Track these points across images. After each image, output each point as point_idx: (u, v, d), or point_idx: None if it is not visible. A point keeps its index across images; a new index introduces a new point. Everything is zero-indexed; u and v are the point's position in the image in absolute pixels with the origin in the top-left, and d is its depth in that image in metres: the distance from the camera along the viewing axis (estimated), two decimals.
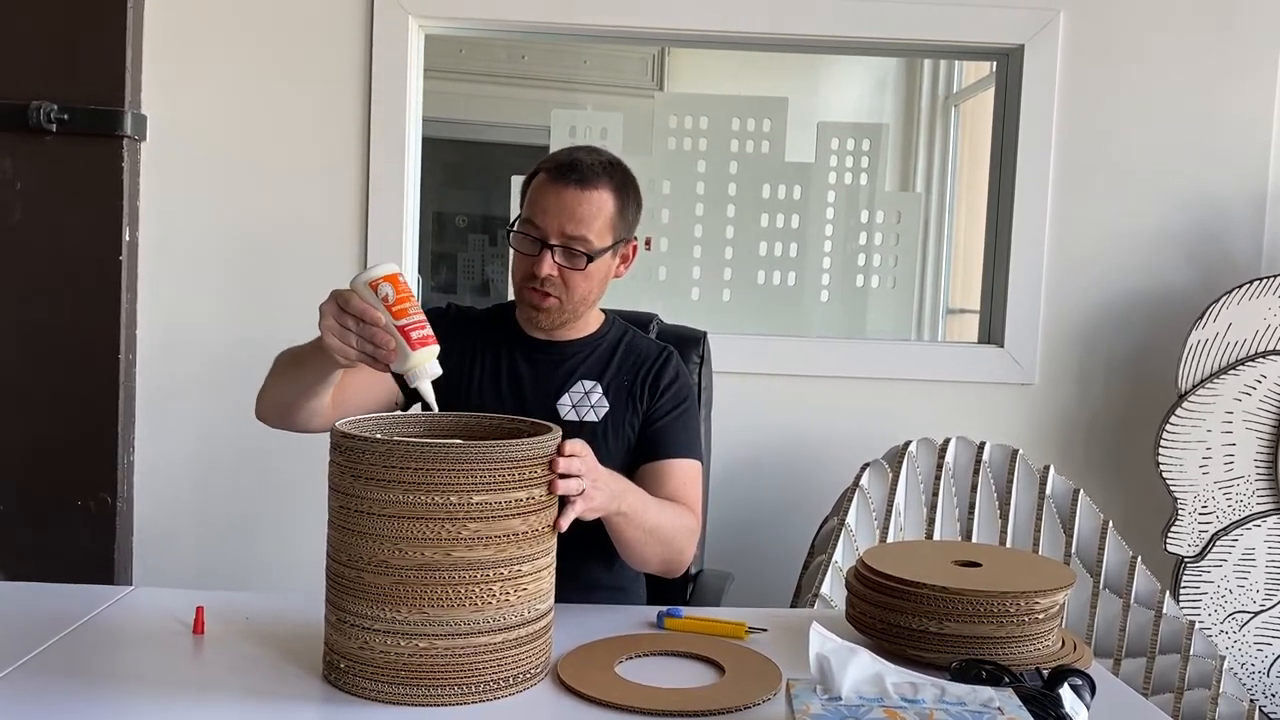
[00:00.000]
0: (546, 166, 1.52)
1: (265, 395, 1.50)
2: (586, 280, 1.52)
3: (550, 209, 1.49)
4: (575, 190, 1.48)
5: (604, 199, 1.50)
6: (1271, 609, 2.28)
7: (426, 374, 1.27)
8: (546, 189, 1.50)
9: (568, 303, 1.53)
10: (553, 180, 1.50)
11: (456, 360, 1.57)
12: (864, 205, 2.67)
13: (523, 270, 1.53)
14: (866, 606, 1.28)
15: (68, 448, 2.31)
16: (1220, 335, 2.27)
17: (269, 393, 1.49)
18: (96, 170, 2.29)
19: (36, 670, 1.14)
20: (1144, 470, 2.37)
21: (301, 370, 1.40)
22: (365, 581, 1.09)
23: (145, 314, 2.40)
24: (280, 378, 1.47)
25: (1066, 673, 1.06)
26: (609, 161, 1.54)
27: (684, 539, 1.48)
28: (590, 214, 1.49)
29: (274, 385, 1.48)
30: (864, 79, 3.51)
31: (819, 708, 0.94)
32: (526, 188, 1.56)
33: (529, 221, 1.51)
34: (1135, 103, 2.46)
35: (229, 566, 2.42)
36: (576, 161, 1.50)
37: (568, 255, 1.49)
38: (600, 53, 3.55)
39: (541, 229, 1.49)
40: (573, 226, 1.48)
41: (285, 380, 1.45)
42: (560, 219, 1.48)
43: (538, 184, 1.52)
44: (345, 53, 2.39)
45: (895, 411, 2.47)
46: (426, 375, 1.27)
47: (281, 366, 1.48)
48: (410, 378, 1.28)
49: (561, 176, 1.49)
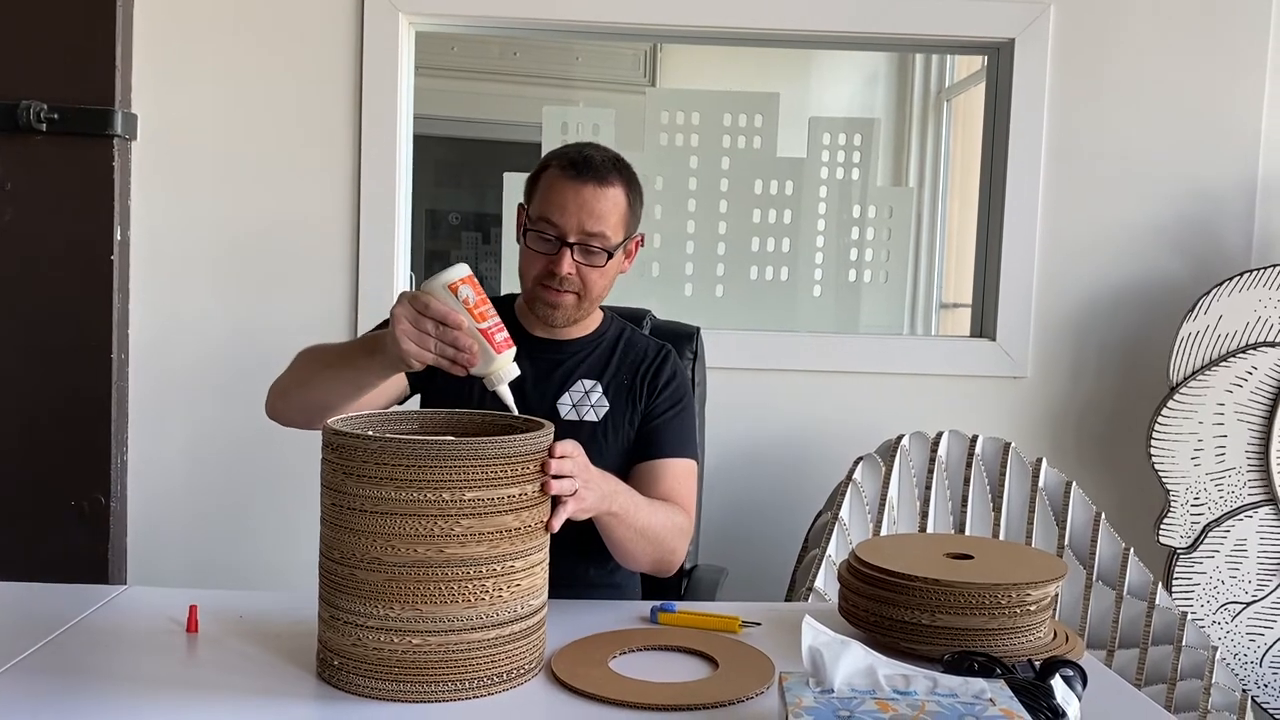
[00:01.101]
0: (558, 163, 1.50)
1: (291, 394, 1.45)
2: (603, 278, 1.51)
3: (569, 206, 1.47)
4: (593, 187, 1.47)
5: (618, 195, 1.50)
6: (1263, 600, 2.29)
7: (508, 376, 1.28)
8: (563, 186, 1.48)
9: (584, 300, 1.52)
10: (569, 178, 1.48)
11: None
12: (856, 200, 2.67)
13: (538, 269, 1.50)
14: (859, 599, 1.28)
15: (61, 448, 2.31)
16: (1211, 327, 2.28)
17: (297, 392, 1.44)
18: (87, 170, 2.28)
19: (30, 670, 1.14)
20: (1136, 462, 2.38)
21: (349, 371, 1.36)
22: (358, 578, 1.09)
23: (137, 314, 2.39)
24: (317, 378, 1.41)
25: (1058, 664, 1.07)
26: (616, 158, 1.53)
27: (675, 539, 1.47)
28: (608, 210, 1.48)
29: (307, 386, 1.43)
30: (856, 74, 3.51)
31: (811, 700, 0.94)
32: (533, 185, 1.53)
33: (545, 220, 1.48)
34: (1125, 96, 2.47)
35: (223, 565, 2.42)
36: (590, 158, 1.49)
37: (586, 253, 1.48)
38: (592, 49, 3.55)
39: (560, 227, 1.47)
40: (592, 223, 1.47)
41: (325, 381, 1.40)
42: (580, 216, 1.47)
43: (551, 181, 1.49)
44: (336, 50, 2.39)
45: (888, 405, 2.47)
46: (507, 378, 1.28)
47: (315, 366, 1.43)
48: (491, 381, 1.28)
49: (579, 174, 1.47)
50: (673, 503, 1.51)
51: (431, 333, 1.22)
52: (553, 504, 1.19)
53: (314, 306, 2.41)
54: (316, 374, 1.42)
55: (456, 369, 1.24)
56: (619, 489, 1.37)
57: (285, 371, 1.48)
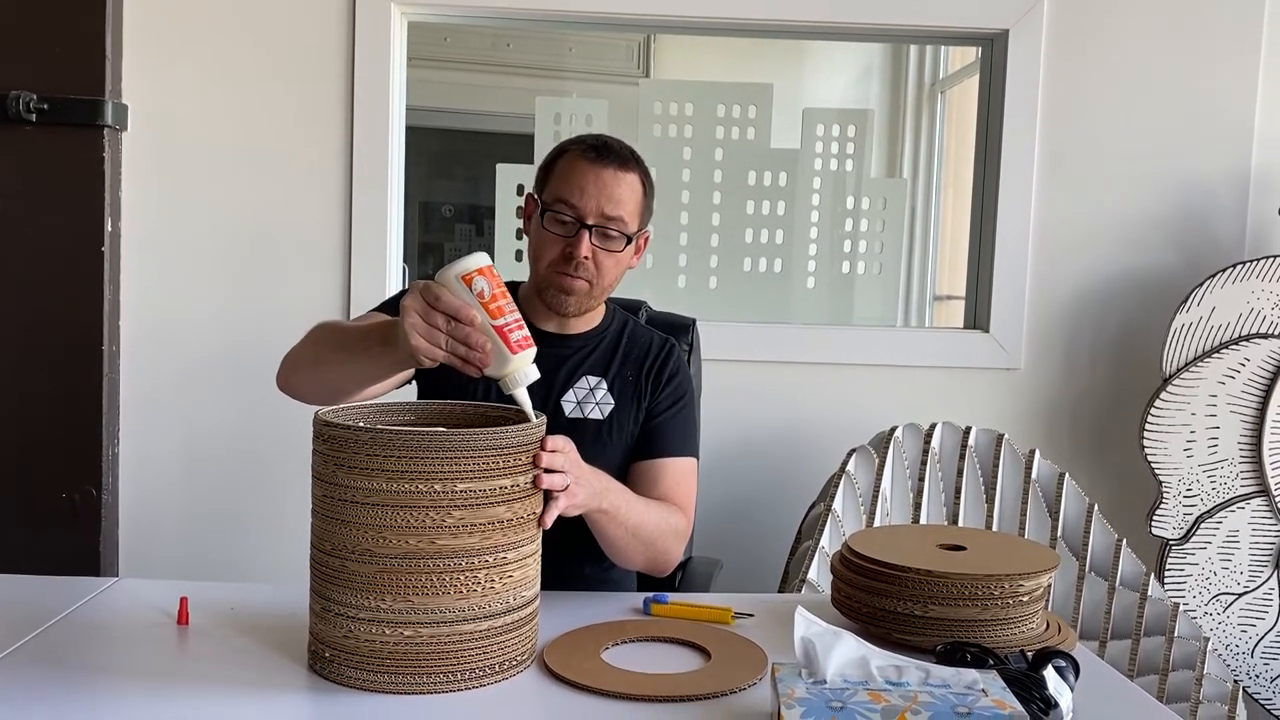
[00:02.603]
0: (577, 148, 1.49)
1: (303, 370, 1.39)
2: (617, 265, 1.50)
3: (589, 189, 1.45)
4: (614, 171, 1.47)
5: (635, 183, 1.50)
6: (1255, 591, 2.29)
7: (525, 380, 1.16)
8: (583, 169, 1.47)
9: (597, 287, 1.50)
10: (590, 160, 1.47)
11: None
12: (850, 191, 2.67)
13: (554, 253, 1.47)
14: (852, 591, 1.28)
15: (52, 441, 2.30)
16: (1204, 319, 2.28)
17: (309, 370, 1.38)
18: (77, 161, 2.27)
19: (20, 662, 1.13)
20: (1129, 454, 2.38)
21: (361, 358, 1.29)
22: (349, 570, 1.09)
23: (128, 305, 2.38)
24: (329, 360, 1.35)
25: (1051, 655, 1.07)
26: (633, 150, 1.53)
27: (669, 540, 1.46)
28: (626, 195, 1.48)
29: (320, 365, 1.36)
30: (850, 65, 3.51)
31: (804, 691, 0.94)
32: (547, 171, 1.52)
33: (563, 202, 1.46)
34: (1119, 87, 2.47)
35: (215, 558, 2.42)
36: (609, 144, 1.49)
37: (604, 237, 1.47)
38: (585, 40, 3.53)
39: (579, 209, 1.46)
40: (611, 207, 1.46)
41: (336, 364, 1.34)
42: (599, 199, 1.45)
43: (569, 164, 1.48)
44: (327, 40, 2.38)
45: (881, 397, 2.48)
46: (524, 381, 1.16)
47: (329, 346, 1.36)
48: (507, 384, 1.17)
49: (599, 157, 1.47)
50: (671, 503, 1.49)
51: (442, 328, 1.12)
52: (545, 499, 1.18)
53: (305, 298, 2.40)
54: (329, 354, 1.36)
55: (470, 369, 1.14)
56: (611, 486, 1.35)
57: (299, 344, 1.41)
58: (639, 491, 1.51)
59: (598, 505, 1.31)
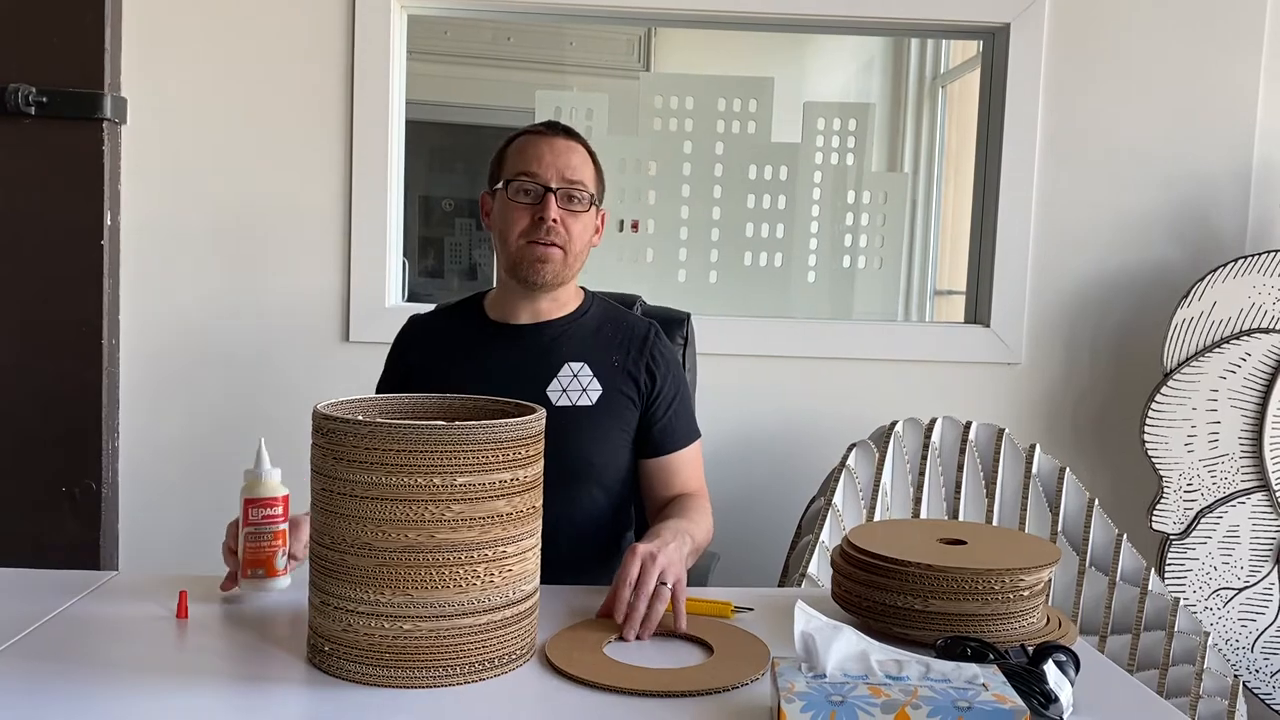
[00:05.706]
0: (525, 130, 1.58)
1: None
2: (584, 231, 1.55)
3: (546, 157, 1.53)
4: (565, 140, 1.55)
5: (586, 155, 1.58)
6: (1255, 585, 2.29)
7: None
8: (537, 142, 1.54)
9: (569, 253, 1.54)
10: (541, 133, 1.56)
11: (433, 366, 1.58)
12: (851, 186, 2.66)
13: (524, 221, 1.53)
14: (852, 585, 1.28)
15: (52, 435, 2.30)
16: (1205, 314, 2.28)
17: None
18: (77, 154, 2.27)
19: (20, 655, 1.13)
20: (1129, 448, 2.38)
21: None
22: (348, 564, 1.08)
23: (128, 298, 2.38)
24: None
25: (1051, 649, 1.07)
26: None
27: (709, 532, 1.54)
28: (580, 163, 1.56)
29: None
30: (851, 59, 3.50)
31: (804, 685, 0.94)
32: (500, 159, 1.59)
33: (525, 173, 1.53)
34: (1120, 81, 2.46)
35: (214, 551, 2.40)
36: (555, 123, 1.59)
37: (569, 198, 1.53)
38: (586, 33, 3.53)
39: (541, 175, 1.52)
40: (570, 171, 1.54)
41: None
42: (557, 165, 1.53)
43: (523, 143, 1.56)
44: (327, 34, 2.37)
45: (882, 392, 2.47)
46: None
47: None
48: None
49: (550, 129, 1.56)
50: (690, 493, 1.56)
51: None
52: (672, 604, 1.24)
53: (305, 293, 2.40)
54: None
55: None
56: (679, 537, 1.35)
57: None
58: (656, 487, 1.57)
59: (689, 564, 1.37)
